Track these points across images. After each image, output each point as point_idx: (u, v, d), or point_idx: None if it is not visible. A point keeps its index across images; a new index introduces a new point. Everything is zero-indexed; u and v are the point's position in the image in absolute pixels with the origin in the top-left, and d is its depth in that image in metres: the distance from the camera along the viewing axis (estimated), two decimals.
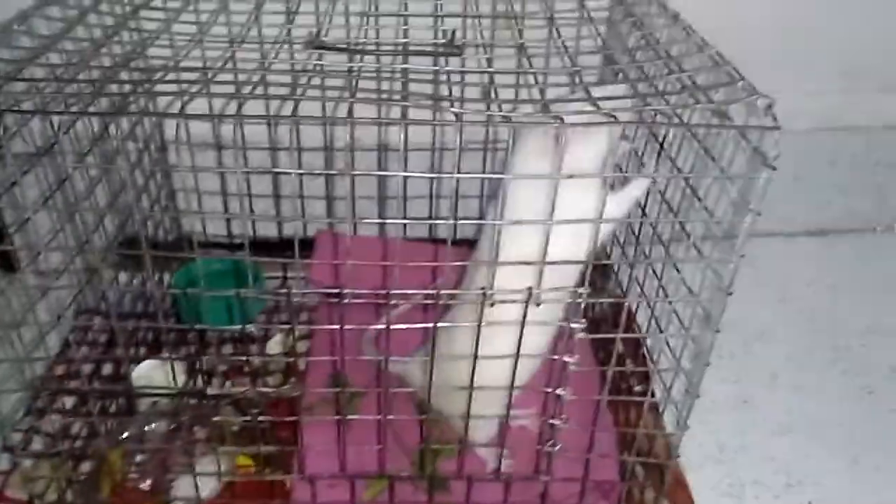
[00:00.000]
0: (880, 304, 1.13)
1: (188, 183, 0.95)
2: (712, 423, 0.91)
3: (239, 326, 0.91)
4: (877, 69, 1.18)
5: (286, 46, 0.65)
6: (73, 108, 0.52)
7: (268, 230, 1.07)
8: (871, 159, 1.23)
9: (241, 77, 0.60)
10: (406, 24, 0.74)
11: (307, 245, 1.04)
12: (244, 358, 0.92)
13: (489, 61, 0.68)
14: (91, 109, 0.53)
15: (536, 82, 0.63)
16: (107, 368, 0.93)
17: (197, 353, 0.85)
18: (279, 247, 1.06)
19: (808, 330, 1.09)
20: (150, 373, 0.89)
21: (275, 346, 0.99)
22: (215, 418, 0.68)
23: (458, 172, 0.55)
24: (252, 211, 1.00)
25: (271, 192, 1.05)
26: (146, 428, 0.83)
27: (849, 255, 1.25)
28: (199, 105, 0.55)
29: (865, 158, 1.23)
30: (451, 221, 0.57)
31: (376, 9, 0.81)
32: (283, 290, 0.57)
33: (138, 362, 0.89)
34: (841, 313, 1.12)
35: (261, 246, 0.58)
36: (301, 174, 0.55)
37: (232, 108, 0.53)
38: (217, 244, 1.10)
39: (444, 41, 0.69)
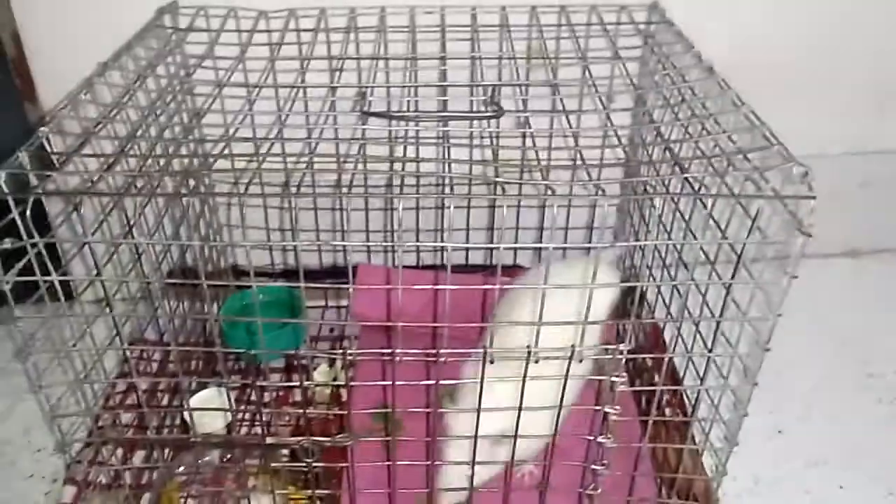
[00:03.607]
0: None
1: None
2: (748, 456, 0.93)
3: (292, 351, 0.96)
4: None
5: (332, 110, 0.68)
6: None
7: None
8: None
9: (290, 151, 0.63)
10: (445, 78, 0.77)
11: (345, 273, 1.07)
12: (295, 385, 0.95)
13: (527, 120, 0.71)
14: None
15: (576, 144, 0.66)
16: (159, 397, 0.97)
17: (250, 381, 0.90)
18: (321, 276, 1.10)
19: (840, 356, 1.10)
20: (205, 402, 0.94)
21: (319, 376, 1.03)
22: (273, 464, 0.72)
23: (503, 242, 0.58)
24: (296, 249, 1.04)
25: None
26: (200, 461, 0.87)
27: (881, 275, 1.25)
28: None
29: None
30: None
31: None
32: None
33: (192, 393, 0.94)
34: (873, 337, 1.13)
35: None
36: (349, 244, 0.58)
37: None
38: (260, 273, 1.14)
39: (483, 98, 0.72)
